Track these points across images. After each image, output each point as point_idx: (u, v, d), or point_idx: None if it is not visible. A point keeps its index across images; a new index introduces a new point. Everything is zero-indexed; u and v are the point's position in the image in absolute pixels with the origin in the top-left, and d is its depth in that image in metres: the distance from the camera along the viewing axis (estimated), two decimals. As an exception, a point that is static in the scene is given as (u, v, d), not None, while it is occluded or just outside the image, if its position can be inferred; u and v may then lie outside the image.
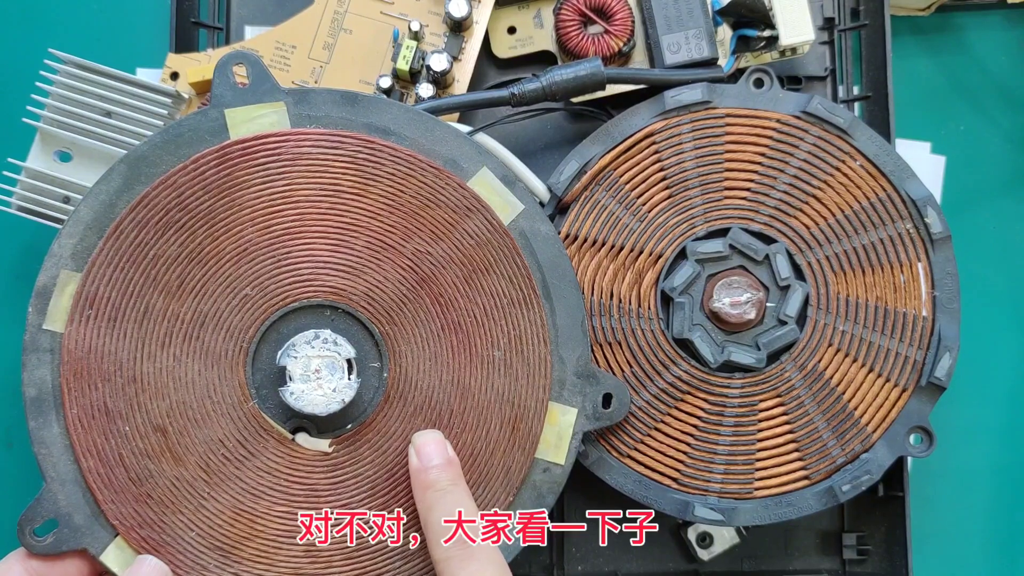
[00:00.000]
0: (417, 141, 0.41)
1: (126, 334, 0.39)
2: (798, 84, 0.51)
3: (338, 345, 0.39)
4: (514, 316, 0.40)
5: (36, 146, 0.46)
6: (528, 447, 0.40)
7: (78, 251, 0.39)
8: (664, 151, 0.45)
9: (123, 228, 0.39)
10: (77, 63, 0.46)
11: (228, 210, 0.39)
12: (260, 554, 0.39)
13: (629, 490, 0.43)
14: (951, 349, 0.43)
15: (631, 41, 0.47)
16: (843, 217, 0.44)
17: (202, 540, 0.39)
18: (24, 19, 0.53)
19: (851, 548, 0.49)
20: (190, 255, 0.39)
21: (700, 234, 0.44)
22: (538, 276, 0.41)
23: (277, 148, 0.40)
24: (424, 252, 0.40)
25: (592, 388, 0.41)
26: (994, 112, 0.54)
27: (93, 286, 0.39)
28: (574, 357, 0.41)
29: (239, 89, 0.40)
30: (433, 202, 0.40)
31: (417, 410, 0.40)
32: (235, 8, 0.52)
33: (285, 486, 0.39)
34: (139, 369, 0.39)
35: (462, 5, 0.46)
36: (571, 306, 0.41)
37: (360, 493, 0.40)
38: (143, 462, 0.39)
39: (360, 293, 0.40)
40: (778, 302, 0.44)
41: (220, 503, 0.39)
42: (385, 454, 0.40)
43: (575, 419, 0.40)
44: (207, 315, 0.39)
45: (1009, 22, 0.54)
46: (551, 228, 0.41)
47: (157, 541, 0.38)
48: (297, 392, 0.38)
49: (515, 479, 0.40)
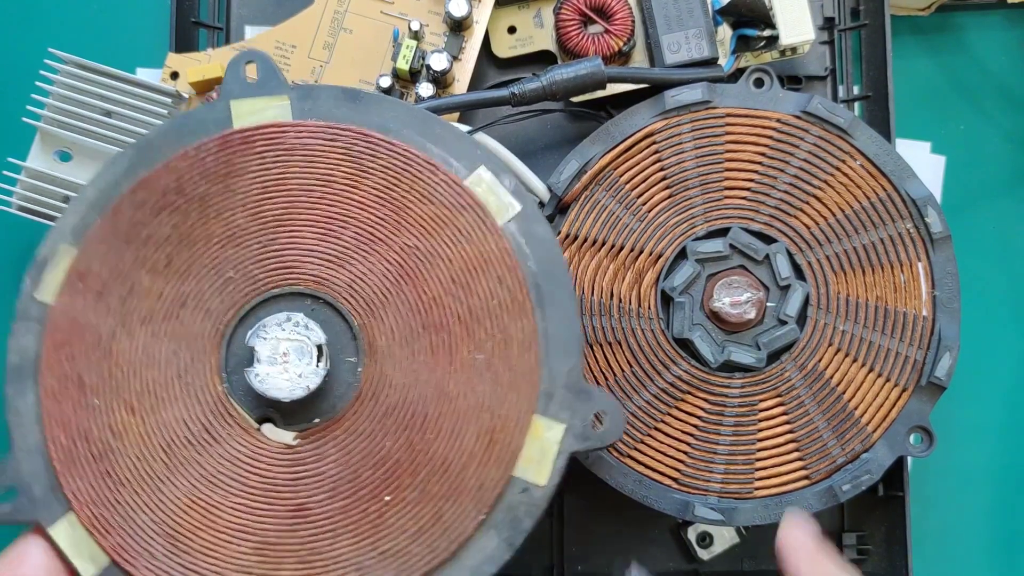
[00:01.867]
0: (416, 138, 0.40)
1: (109, 309, 0.38)
2: (798, 84, 0.51)
3: (309, 329, 0.38)
4: (502, 319, 0.38)
5: (36, 146, 0.46)
6: (506, 462, 0.37)
7: (78, 228, 0.39)
8: (664, 151, 0.45)
9: (121, 208, 0.39)
10: (77, 63, 0.46)
11: (221, 195, 0.39)
12: (210, 546, 0.38)
13: (629, 490, 0.43)
14: (951, 349, 0.43)
15: (631, 41, 0.47)
16: (843, 217, 0.44)
17: (153, 525, 0.38)
18: (24, 19, 0.53)
19: (851, 548, 0.49)
20: (180, 236, 0.39)
21: (700, 234, 0.44)
22: (531, 280, 0.38)
23: (275, 137, 0.40)
24: (413, 247, 0.39)
25: (583, 404, 0.37)
26: (994, 112, 0.54)
27: (86, 261, 0.39)
28: (565, 369, 0.38)
29: (247, 84, 0.40)
30: (427, 197, 0.40)
31: (390, 411, 0.38)
32: (235, 8, 0.52)
33: (244, 477, 0.38)
34: (117, 344, 0.38)
35: (462, 5, 0.46)
36: (565, 314, 0.38)
37: (320, 492, 0.38)
38: (107, 437, 0.38)
39: (343, 284, 0.39)
40: (778, 302, 0.44)
41: (177, 488, 0.38)
42: (351, 454, 0.38)
43: (562, 436, 0.37)
44: (188, 295, 0.39)
45: (1009, 22, 0.54)
46: (549, 231, 0.39)
47: (108, 521, 0.37)
48: (263, 374, 0.37)
49: (488, 496, 0.37)
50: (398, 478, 0.38)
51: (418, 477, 0.38)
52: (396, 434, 0.38)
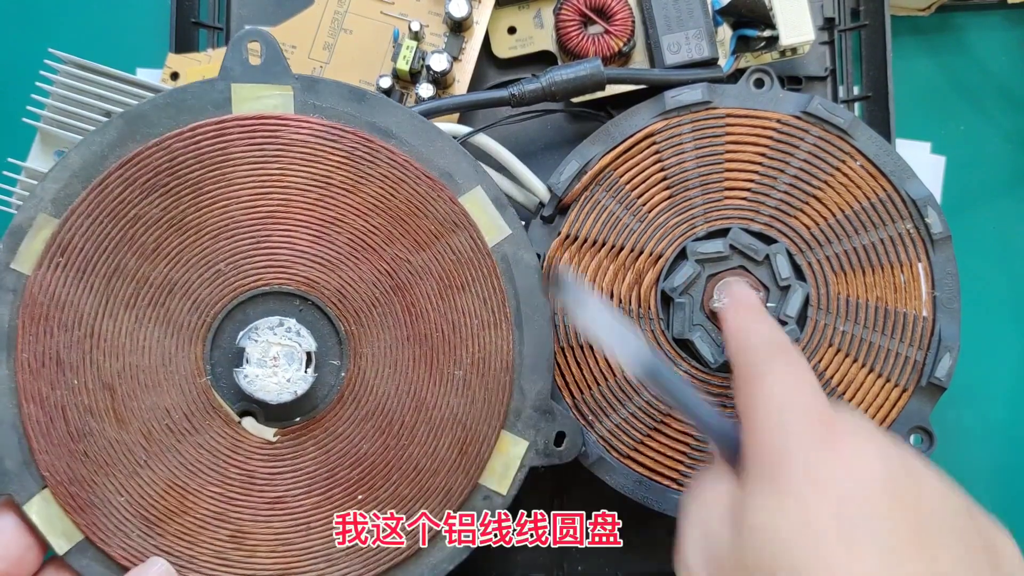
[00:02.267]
0: (417, 149, 0.40)
1: (92, 288, 0.38)
2: (798, 84, 0.51)
3: (300, 336, 0.38)
4: (482, 338, 0.40)
5: (36, 146, 0.46)
6: (473, 472, 0.40)
7: (59, 197, 0.38)
8: (664, 151, 0.45)
9: (109, 182, 0.38)
10: (77, 63, 0.46)
11: (216, 184, 0.39)
12: (186, 531, 0.38)
13: (629, 490, 0.43)
14: (951, 349, 0.43)
15: (631, 41, 0.47)
16: (843, 217, 0.44)
17: (130, 508, 0.38)
18: (24, 19, 0.53)
19: (851, 548, 0.49)
20: (171, 221, 0.39)
21: (700, 234, 0.44)
22: (513, 303, 0.40)
23: (276, 130, 0.39)
24: (404, 259, 0.40)
25: (547, 424, 0.40)
26: (994, 112, 0.54)
27: (68, 234, 0.38)
28: (535, 390, 0.40)
29: (250, 66, 0.40)
30: (421, 211, 0.40)
31: (368, 415, 0.40)
32: (235, 8, 0.52)
33: (223, 468, 0.39)
34: (99, 325, 0.38)
35: (462, 5, 0.46)
36: (541, 339, 0.40)
37: (296, 488, 0.39)
38: (85, 418, 0.38)
39: (333, 288, 0.40)
40: (778, 302, 0.44)
41: (155, 473, 0.38)
42: (328, 453, 0.39)
43: (524, 452, 0.40)
44: (176, 283, 0.39)
45: (1009, 22, 0.54)
46: (534, 258, 0.41)
47: (85, 500, 0.38)
48: (251, 376, 0.38)
49: (455, 501, 0.40)
50: (372, 479, 0.40)
51: (391, 479, 0.40)
52: (373, 438, 0.40)
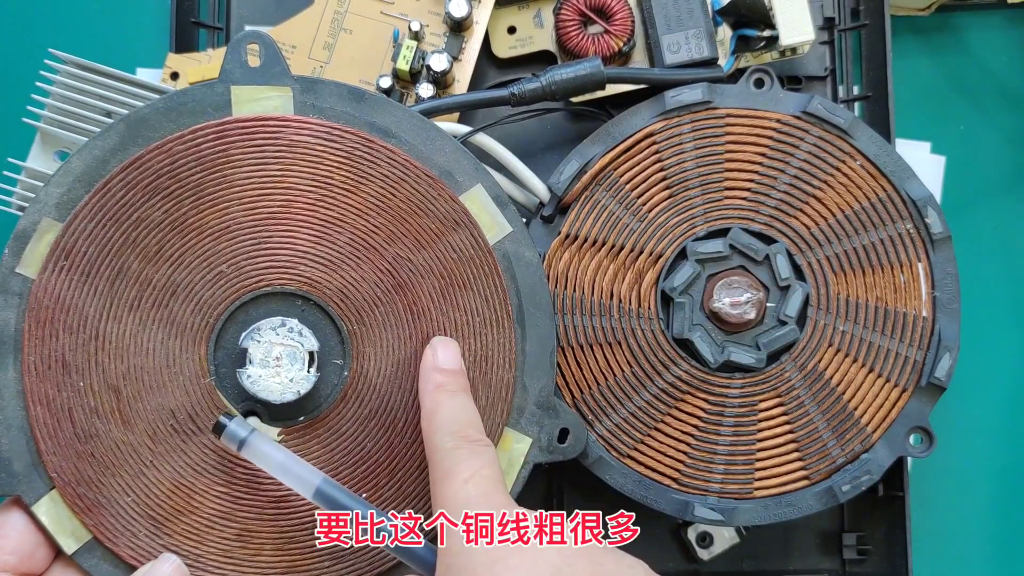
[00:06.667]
0: (417, 147, 0.40)
1: (97, 291, 0.38)
2: (798, 84, 0.51)
3: (303, 336, 0.38)
4: (484, 336, 0.40)
5: (36, 146, 0.46)
6: None
7: (63, 201, 0.39)
8: (664, 151, 0.45)
9: (111, 186, 0.39)
10: (77, 63, 0.46)
11: (218, 185, 0.39)
12: (192, 530, 0.39)
13: (629, 490, 0.43)
14: (951, 349, 0.43)
15: (631, 41, 0.47)
16: (843, 217, 0.44)
17: (137, 507, 0.38)
18: (24, 19, 0.53)
19: (851, 548, 0.49)
20: (173, 223, 0.39)
21: (700, 234, 0.44)
22: (515, 300, 0.40)
23: (276, 132, 0.39)
24: (405, 258, 0.40)
25: (551, 420, 0.40)
26: (994, 112, 0.54)
27: (72, 238, 0.38)
28: (538, 387, 0.40)
29: (249, 68, 0.40)
30: (422, 210, 0.40)
31: (372, 413, 0.40)
32: (235, 8, 0.52)
33: (228, 467, 0.39)
34: (103, 327, 0.38)
35: (462, 5, 0.46)
36: (543, 335, 0.40)
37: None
38: (91, 419, 0.38)
39: (334, 288, 0.40)
40: (778, 302, 0.44)
41: (161, 473, 0.39)
42: (333, 452, 0.40)
43: (528, 449, 0.40)
44: (179, 285, 0.39)
45: (1009, 22, 0.54)
46: (536, 255, 0.41)
47: (92, 501, 0.38)
48: (254, 376, 0.38)
49: None
50: (377, 477, 0.40)
51: (395, 477, 0.40)
52: (377, 436, 0.40)
